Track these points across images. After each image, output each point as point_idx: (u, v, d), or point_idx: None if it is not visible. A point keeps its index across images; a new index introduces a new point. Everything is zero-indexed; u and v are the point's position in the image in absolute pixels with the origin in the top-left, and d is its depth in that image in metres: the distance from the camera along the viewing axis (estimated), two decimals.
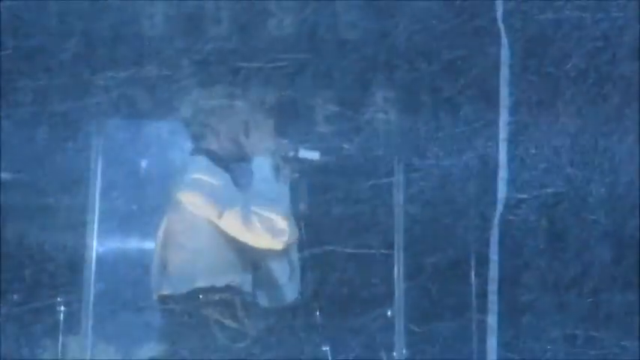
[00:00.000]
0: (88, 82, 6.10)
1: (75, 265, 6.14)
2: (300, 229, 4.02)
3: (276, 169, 4.06)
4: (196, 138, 4.15)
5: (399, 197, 5.91)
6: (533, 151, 5.80)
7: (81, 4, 6.06)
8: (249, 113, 4.13)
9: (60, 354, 5.94)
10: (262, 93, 5.87)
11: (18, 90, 6.13)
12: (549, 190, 5.70)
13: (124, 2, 6.06)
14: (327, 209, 5.91)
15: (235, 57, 6.12)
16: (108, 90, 6.09)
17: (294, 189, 4.05)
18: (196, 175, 3.98)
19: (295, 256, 4.16)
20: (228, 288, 3.89)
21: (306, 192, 4.12)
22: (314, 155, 4.13)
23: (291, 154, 4.08)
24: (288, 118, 5.97)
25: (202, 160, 4.05)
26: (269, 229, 3.85)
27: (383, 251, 5.95)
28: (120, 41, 6.10)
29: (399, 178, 6.01)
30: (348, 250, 5.94)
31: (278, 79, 6.17)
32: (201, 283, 3.88)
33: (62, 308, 5.96)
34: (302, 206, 4.07)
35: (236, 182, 4.04)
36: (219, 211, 3.90)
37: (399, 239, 5.90)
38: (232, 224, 3.88)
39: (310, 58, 6.20)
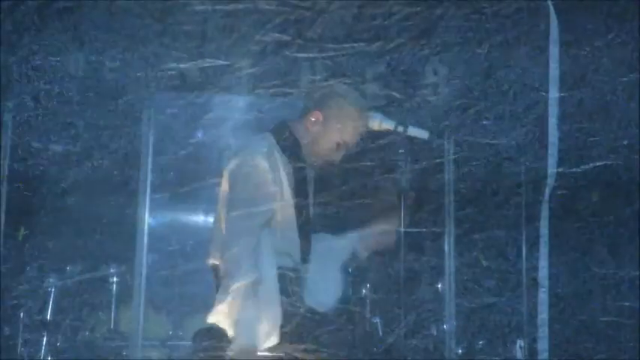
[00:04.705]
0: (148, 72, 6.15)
1: (127, 236, 6.19)
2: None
3: (351, 257, 4.07)
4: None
5: (450, 175, 5.92)
6: (583, 125, 5.81)
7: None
8: None
9: (113, 324, 6.04)
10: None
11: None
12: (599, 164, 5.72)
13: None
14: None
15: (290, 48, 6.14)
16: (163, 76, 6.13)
17: None
18: (248, 157, 3.87)
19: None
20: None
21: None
22: (423, 134, 4.09)
23: (400, 129, 4.04)
24: None
25: (265, 142, 3.94)
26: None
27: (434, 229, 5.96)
28: (181, 37, 6.15)
29: (449, 156, 6.02)
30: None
31: (329, 67, 6.20)
32: None
33: (115, 279, 6.05)
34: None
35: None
36: (224, 214, 3.80)
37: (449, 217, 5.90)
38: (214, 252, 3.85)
39: (360, 45, 6.20)
